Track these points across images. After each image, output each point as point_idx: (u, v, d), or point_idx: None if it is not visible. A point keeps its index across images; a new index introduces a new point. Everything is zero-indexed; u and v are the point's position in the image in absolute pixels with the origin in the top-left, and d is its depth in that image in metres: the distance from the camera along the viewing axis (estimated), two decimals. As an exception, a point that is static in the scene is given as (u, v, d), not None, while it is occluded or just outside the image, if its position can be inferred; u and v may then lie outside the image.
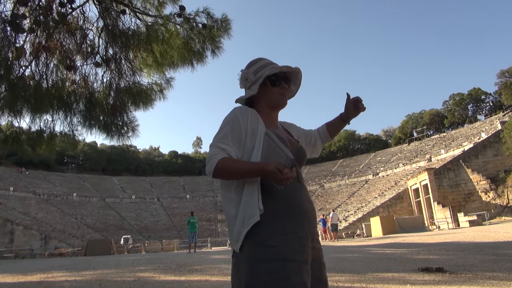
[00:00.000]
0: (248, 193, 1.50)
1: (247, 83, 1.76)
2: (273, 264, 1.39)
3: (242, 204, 1.49)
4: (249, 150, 1.57)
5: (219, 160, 1.48)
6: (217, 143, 1.56)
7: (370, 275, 6.03)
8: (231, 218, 1.53)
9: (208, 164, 1.51)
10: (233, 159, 1.53)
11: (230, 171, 1.49)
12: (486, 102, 69.80)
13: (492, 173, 31.89)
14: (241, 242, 1.45)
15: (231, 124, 1.60)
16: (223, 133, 1.59)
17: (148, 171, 79.94)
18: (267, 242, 1.43)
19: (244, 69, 1.80)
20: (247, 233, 1.45)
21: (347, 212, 43.75)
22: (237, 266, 1.48)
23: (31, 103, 5.11)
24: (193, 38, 5.56)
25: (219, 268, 8.67)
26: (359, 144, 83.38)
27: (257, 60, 1.79)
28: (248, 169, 1.48)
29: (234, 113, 1.63)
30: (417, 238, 14.91)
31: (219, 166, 1.47)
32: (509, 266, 5.85)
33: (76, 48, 5.51)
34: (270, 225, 1.45)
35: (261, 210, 1.46)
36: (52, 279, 8.01)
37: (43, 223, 41.05)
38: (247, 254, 1.44)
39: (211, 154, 1.53)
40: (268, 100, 1.75)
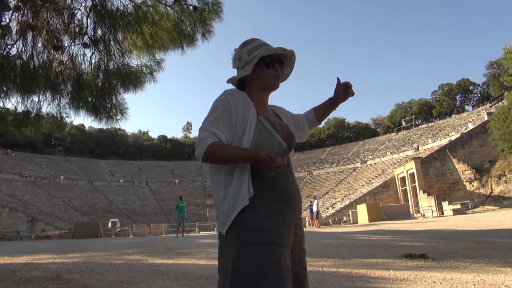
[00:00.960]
0: (238, 177, 1.49)
1: (240, 63, 1.71)
2: (259, 248, 1.39)
3: (232, 187, 1.48)
4: (240, 134, 1.55)
5: (209, 145, 1.46)
6: (207, 127, 1.53)
7: (355, 260, 6.15)
8: (219, 201, 1.52)
9: (197, 148, 1.49)
10: (224, 144, 1.51)
11: (220, 156, 1.48)
12: (474, 93, 70.58)
13: (477, 163, 32.45)
14: (228, 225, 1.45)
15: (221, 107, 1.57)
16: (213, 117, 1.56)
17: (137, 155, 79.45)
18: (254, 226, 1.43)
19: (238, 48, 1.76)
20: (235, 216, 1.45)
21: (335, 199, 44.24)
22: (224, 248, 1.49)
23: (17, 83, 5.00)
24: (184, 20, 5.47)
25: (206, 252, 8.73)
26: (348, 132, 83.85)
27: (251, 40, 1.76)
28: (239, 155, 1.47)
29: (225, 96, 1.60)
30: (402, 226, 15.18)
31: (209, 151, 1.46)
32: (490, 254, 6.01)
33: (63, 28, 5.38)
34: (258, 210, 1.45)
35: (251, 193, 1.46)
36: (38, 261, 7.98)
37: (30, 206, 40.70)
38: (234, 237, 1.44)
39: (201, 138, 1.51)
40: (261, 81, 1.72)
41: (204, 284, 4.69)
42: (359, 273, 5.01)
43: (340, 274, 4.97)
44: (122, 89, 5.75)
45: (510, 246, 6.73)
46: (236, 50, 1.75)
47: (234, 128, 1.57)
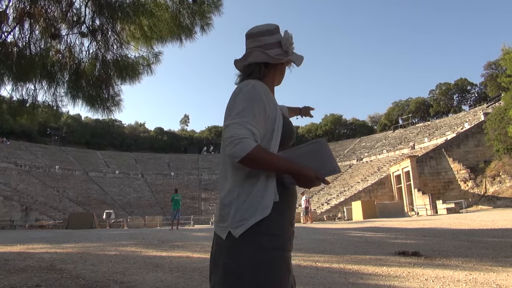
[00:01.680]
0: (263, 180, 1.43)
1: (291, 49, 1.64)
2: (275, 253, 1.40)
3: (255, 189, 1.42)
4: (268, 135, 1.49)
5: (255, 148, 1.34)
6: (247, 124, 1.39)
7: (349, 256, 6.18)
8: (232, 199, 1.44)
9: (237, 146, 1.34)
10: (268, 151, 1.43)
11: (263, 163, 1.38)
12: (471, 92, 70.78)
13: (472, 163, 32.62)
14: (245, 229, 1.39)
15: (257, 105, 1.45)
16: (251, 114, 1.42)
17: (133, 147, 79.26)
18: (270, 231, 1.41)
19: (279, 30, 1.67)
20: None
21: (330, 196, 44.36)
22: (236, 250, 1.41)
23: (13, 70, 4.95)
24: (183, 12, 5.43)
25: (201, 245, 8.75)
26: (345, 129, 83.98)
27: (278, 29, 1.68)
28: (282, 167, 1.41)
29: (258, 92, 1.48)
30: (396, 223, 15.26)
31: (253, 154, 1.34)
32: (482, 253, 6.06)
33: (61, 17, 5.32)
34: (274, 215, 1.43)
35: (276, 199, 1.44)
36: (32, 250, 7.97)
37: (24, 195, 40.57)
38: (250, 240, 1.39)
39: (242, 135, 1.36)
40: (281, 76, 1.71)
41: (198, 277, 4.71)
42: (353, 269, 5.04)
43: (334, 270, 5.00)
44: (119, 80, 5.71)
45: (502, 246, 6.79)
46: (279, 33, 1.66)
47: (264, 129, 1.49)
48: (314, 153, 1.49)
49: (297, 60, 1.68)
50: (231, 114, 1.45)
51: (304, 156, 1.49)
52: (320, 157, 1.49)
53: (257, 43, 1.63)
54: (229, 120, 1.42)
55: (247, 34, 1.68)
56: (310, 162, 1.46)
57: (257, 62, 1.62)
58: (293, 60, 1.67)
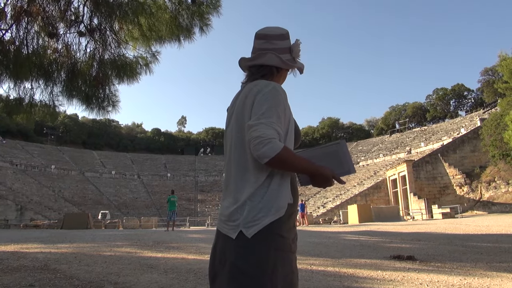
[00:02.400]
0: (279, 182, 1.45)
1: (298, 56, 1.69)
2: (284, 254, 1.42)
3: (271, 191, 1.43)
4: (283, 137, 1.49)
5: (283, 148, 1.36)
6: (273, 124, 1.40)
7: (344, 260, 6.18)
8: (245, 199, 1.43)
9: (266, 147, 1.34)
10: (293, 152, 1.46)
11: (289, 163, 1.41)
12: (468, 98, 71.11)
13: (468, 168, 32.77)
14: (259, 229, 1.38)
15: (281, 106, 1.47)
16: (276, 115, 1.43)
17: (130, 147, 79.05)
18: (281, 233, 1.42)
19: (289, 35, 1.71)
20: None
21: (326, 199, 44.40)
22: (249, 250, 1.39)
23: (10, 68, 4.93)
24: (182, 13, 5.43)
25: (196, 246, 8.73)
26: (342, 132, 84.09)
27: (288, 35, 1.72)
28: (304, 167, 1.46)
29: (280, 94, 1.50)
30: (391, 227, 15.29)
31: (281, 155, 1.35)
32: (476, 257, 6.08)
33: (59, 15, 5.31)
34: (285, 217, 1.44)
35: (291, 200, 1.47)
36: (26, 250, 7.92)
37: (19, 194, 40.35)
38: (263, 241, 1.38)
39: (270, 136, 1.36)
40: (282, 81, 1.73)
41: (193, 278, 4.69)
42: (348, 272, 5.04)
43: (329, 273, 5.00)
44: (116, 80, 5.70)
45: (496, 251, 6.82)
46: (298, 40, 1.71)
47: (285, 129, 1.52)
48: (333, 153, 1.55)
49: (302, 67, 1.72)
50: (254, 114, 1.45)
51: (323, 156, 1.54)
52: (339, 157, 1.55)
53: (270, 45, 1.64)
54: (255, 120, 1.42)
55: (259, 34, 1.69)
56: (327, 161, 1.52)
57: (270, 64, 1.63)
58: (299, 67, 1.70)
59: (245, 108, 1.50)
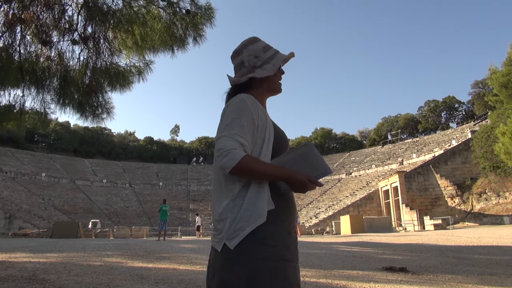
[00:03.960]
0: (257, 190, 1.43)
1: (258, 61, 1.63)
2: (274, 263, 1.37)
3: (248, 200, 1.42)
4: (259, 145, 1.50)
5: (243, 157, 1.36)
6: (235, 136, 1.41)
7: (336, 271, 6.15)
8: (225, 211, 1.44)
9: (226, 158, 1.36)
10: (258, 159, 1.44)
11: (253, 172, 1.39)
12: (459, 110, 72.00)
13: (459, 180, 33.02)
14: (240, 239, 1.38)
15: (245, 116, 1.47)
16: (239, 125, 1.44)
17: (122, 156, 78.54)
18: (267, 242, 1.39)
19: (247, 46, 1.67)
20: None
21: (318, 209, 44.37)
22: (232, 262, 1.39)
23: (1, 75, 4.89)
24: (176, 23, 5.45)
25: (187, 257, 8.64)
26: (334, 143, 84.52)
27: (257, 39, 1.70)
28: (273, 174, 1.43)
29: (246, 104, 1.50)
30: (383, 238, 15.29)
31: (243, 164, 1.36)
32: (468, 269, 6.09)
33: (53, 23, 5.30)
34: (271, 224, 1.41)
35: (272, 207, 1.43)
36: (14, 259, 7.78)
37: (8, 202, 39.77)
38: (246, 251, 1.37)
39: (229, 146, 1.38)
40: (270, 85, 1.68)
41: (183, 289, 4.63)
42: (340, 284, 5.01)
43: (321, 285, 4.96)
44: (109, 88, 5.68)
45: (488, 263, 6.83)
46: (250, 47, 1.67)
47: (254, 139, 1.50)
48: (304, 157, 1.50)
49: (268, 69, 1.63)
50: (220, 128, 1.48)
51: (295, 161, 1.49)
52: (310, 160, 1.50)
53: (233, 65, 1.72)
54: (219, 133, 1.46)
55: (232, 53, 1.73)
56: (301, 166, 1.48)
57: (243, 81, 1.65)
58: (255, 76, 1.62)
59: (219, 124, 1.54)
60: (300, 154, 1.51)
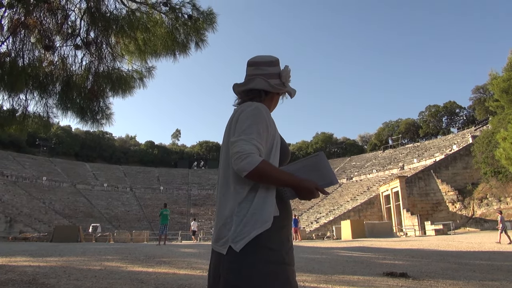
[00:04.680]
0: (264, 195, 1.48)
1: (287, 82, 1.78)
2: (277, 267, 1.43)
3: (255, 205, 1.47)
4: (267, 153, 1.56)
5: (261, 162, 1.42)
6: (253, 140, 1.47)
7: (337, 276, 6.14)
8: (231, 214, 1.48)
9: (244, 161, 1.41)
10: (273, 165, 1.50)
11: (268, 176, 1.44)
12: (460, 115, 71.98)
13: (460, 185, 32.95)
14: (246, 242, 1.42)
15: (261, 123, 1.54)
16: (257, 131, 1.50)
17: (123, 160, 78.55)
18: (270, 245, 1.44)
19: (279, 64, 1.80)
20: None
21: (319, 214, 44.27)
22: (239, 264, 1.42)
23: (5, 80, 4.93)
24: (178, 28, 5.49)
25: (188, 261, 8.63)
26: (335, 147, 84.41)
27: (278, 62, 1.82)
28: (285, 180, 1.48)
29: (262, 112, 1.57)
30: (384, 243, 15.25)
31: (260, 168, 1.41)
32: (469, 275, 6.07)
33: (56, 28, 5.34)
34: (274, 230, 1.47)
35: (277, 212, 1.49)
36: (14, 263, 7.78)
37: (9, 206, 39.74)
38: (251, 254, 1.42)
39: (248, 150, 1.43)
40: (274, 105, 1.83)
41: (184, 294, 4.62)
42: (340, 289, 5.00)
43: (321, 290, 4.95)
44: (111, 92, 5.72)
45: (489, 269, 6.82)
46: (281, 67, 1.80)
47: (266, 146, 1.57)
48: (314, 165, 1.56)
49: (292, 92, 1.83)
50: (236, 131, 1.53)
51: (305, 169, 1.56)
52: (320, 169, 1.56)
53: (259, 71, 1.75)
54: (236, 137, 1.50)
55: (250, 61, 1.80)
56: (309, 174, 1.53)
57: (258, 88, 1.73)
58: (289, 92, 1.82)
59: (231, 128, 1.59)
60: (312, 163, 1.57)
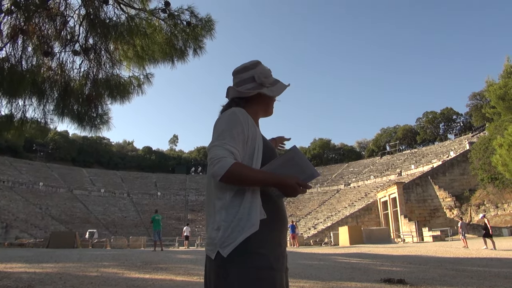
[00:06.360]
0: (250, 200, 1.47)
1: (266, 81, 1.73)
2: (264, 272, 1.41)
3: (243, 209, 1.45)
4: (249, 156, 1.55)
5: (233, 164, 1.41)
6: (225, 145, 1.47)
7: (334, 283, 6.12)
8: (220, 220, 1.47)
9: (216, 166, 1.41)
10: (247, 166, 1.48)
11: (243, 178, 1.43)
12: (457, 122, 72.37)
13: (458, 191, 33.00)
14: (233, 247, 1.41)
15: (236, 127, 1.53)
16: (230, 136, 1.50)
17: (120, 165, 78.35)
18: (258, 250, 1.43)
19: (257, 66, 1.77)
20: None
21: (317, 220, 44.20)
22: (225, 270, 1.42)
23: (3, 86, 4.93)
24: (176, 35, 5.52)
25: (185, 267, 8.59)
26: (333, 153, 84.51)
27: (259, 63, 1.80)
28: (264, 179, 1.46)
29: (237, 116, 1.57)
30: (382, 250, 15.22)
31: (232, 171, 1.40)
32: (467, 281, 6.07)
33: (55, 34, 5.36)
34: (262, 233, 1.45)
35: (263, 216, 1.47)
36: (10, 269, 7.73)
37: (5, 211, 39.51)
38: (238, 260, 1.41)
39: (219, 155, 1.43)
40: (266, 107, 1.79)
41: (181, 301, 4.61)
42: (338, 296, 4.99)
43: (319, 296, 4.94)
44: (109, 99, 5.73)
45: (486, 275, 6.82)
46: (262, 65, 1.78)
47: (245, 149, 1.55)
48: (291, 161, 1.53)
49: (274, 91, 1.75)
50: (212, 138, 1.55)
51: (283, 166, 1.52)
52: (298, 163, 1.53)
53: (235, 80, 1.79)
54: (210, 144, 1.52)
55: (232, 73, 1.83)
56: (290, 170, 1.50)
57: (232, 97, 1.76)
58: (265, 92, 1.73)
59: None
60: (288, 159, 1.54)
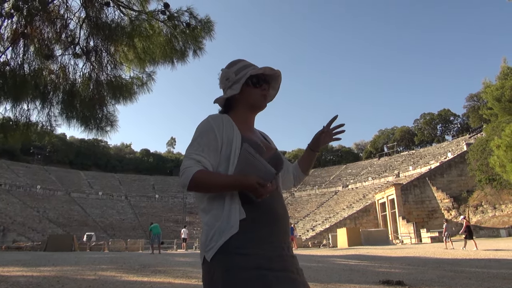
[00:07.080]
0: (230, 202, 1.47)
1: (228, 83, 1.70)
2: (248, 272, 1.36)
3: (224, 213, 1.46)
4: (225, 161, 1.53)
5: (195, 173, 1.43)
6: (192, 155, 1.50)
7: (333, 285, 6.13)
8: (205, 226, 1.50)
9: (182, 176, 1.46)
10: (209, 172, 1.48)
11: (206, 184, 1.45)
12: (454, 123, 72.57)
13: (456, 192, 33.08)
14: (214, 251, 1.41)
15: (206, 134, 1.54)
16: (197, 144, 1.53)
17: (118, 168, 78.13)
18: (240, 251, 1.40)
19: (225, 68, 1.75)
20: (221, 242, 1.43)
21: (315, 222, 44.20)
22: (210, 274, 1.42)
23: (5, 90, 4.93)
24: (176, 36, 5.55)
25: (183, 270, 8.58)
26: (331, 155, 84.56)
27: (238, 61, 1.76)
28: (225, 183, 1.45)
29: (208, 122, 1.58)
30: (380, 251, 15.24)
31: (195, 179, 1.43)
32: (466, 283, 6.09)
33: (55, 37, 5.37)
34: (244, 234, 1.42)
35: (243, 215, 1.44)
36: (7, 273, 7.71)
37: (2, 215, 39.36)
38: (220, 262, 1.40)
39: (186, 166, 1.47)
40: (248, 101, 1.70)
41: (181, 303, 4.61)
42: (337, 297, 5.00)
43: (319, 298, 4.95)
44: (113, 100, 5.74)
45: (485, 276, 6.84)
46: (223, 70, 1.75)
47: (220, 155, 1.54)
48: (246, 159, 1.48)
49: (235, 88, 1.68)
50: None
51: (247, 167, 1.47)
52: (252, 162, 1.47)
53: (221, 86, 1.79)
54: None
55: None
56: (250, 170, 1.45)
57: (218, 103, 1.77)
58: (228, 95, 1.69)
59: None
60: (244, 157, 1.49)
